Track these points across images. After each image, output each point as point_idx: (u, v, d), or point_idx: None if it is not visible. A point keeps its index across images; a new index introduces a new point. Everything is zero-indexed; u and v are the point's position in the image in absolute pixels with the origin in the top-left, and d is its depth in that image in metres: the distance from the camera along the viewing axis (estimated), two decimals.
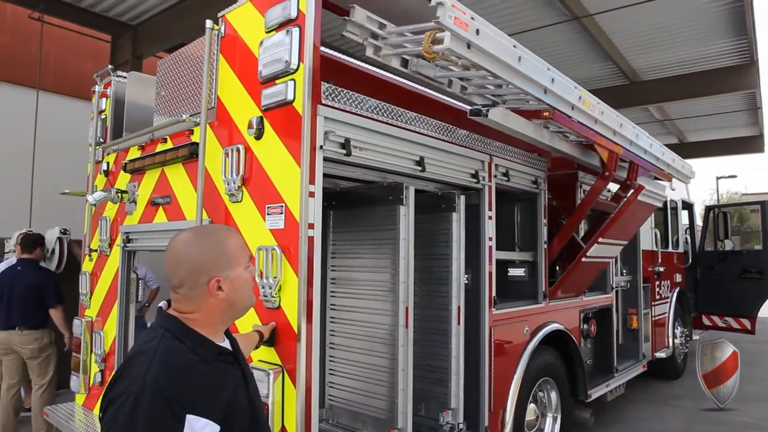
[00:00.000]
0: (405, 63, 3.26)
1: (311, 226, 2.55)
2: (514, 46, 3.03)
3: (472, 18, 2.70)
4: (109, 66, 4.45)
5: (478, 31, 2.71)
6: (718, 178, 31.49)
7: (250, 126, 2.82)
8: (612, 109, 4.18)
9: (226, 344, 1.59)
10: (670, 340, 7.29)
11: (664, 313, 7.26)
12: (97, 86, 4.43)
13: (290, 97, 2.64)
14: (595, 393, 4.97)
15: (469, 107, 3.35)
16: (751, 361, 9.26)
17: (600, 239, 4.44)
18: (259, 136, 2.79)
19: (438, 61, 2.97)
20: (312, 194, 2.56)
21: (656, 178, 5.59)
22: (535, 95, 3.31)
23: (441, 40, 2.59)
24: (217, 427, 1.39)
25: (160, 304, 1.58)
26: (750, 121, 14.82)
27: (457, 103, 3.96)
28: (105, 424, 1.36)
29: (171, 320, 1.50)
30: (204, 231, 1.75)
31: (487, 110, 3.19)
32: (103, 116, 4.36)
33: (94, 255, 4.22)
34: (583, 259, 4.39)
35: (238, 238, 1.63)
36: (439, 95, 3.97)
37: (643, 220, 4.81)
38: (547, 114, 3.53)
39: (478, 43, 2.73)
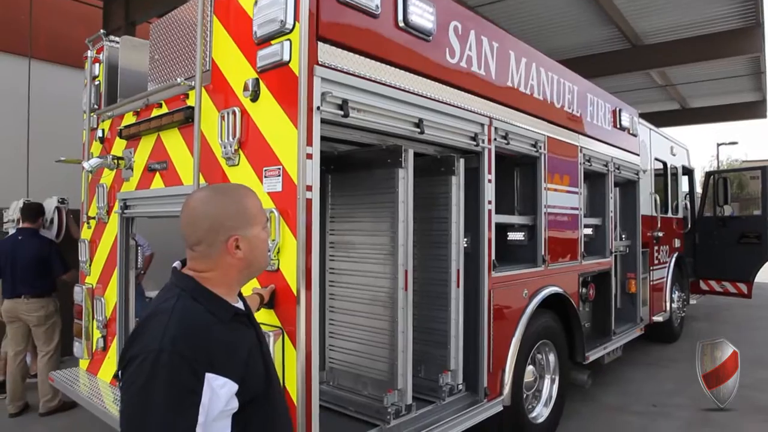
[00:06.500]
0: None
1: (309, 188, 2.53)
2: None
3: None
4: (102, 30, 4.36)
5: None
6: (718, 145, 31.36)
7: (245, 88, 2.77)
8: None
9: (240, 305, 1.58)
10: (668, 304, 7.36)
11: (662, 278, 7.31)
12: (89, 51, 4.34)
13: (286, 57, 2.59)
14: (593, 355, 5.04)
15: None
16: (749, 326, 9.41)
17: (548, 185, 4.47)
18: (255, 98, 2.75)
19: None
20: (310, 156, 2.53)
21: None
22: None
23: None
24: (236, 386, 1.39)
25: (174, 264, 1.56)
26: (753, 86, 14.63)
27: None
28: (125, 383, 1.35)
29: (186, 280, 1.49)
30: (223, 189, 1.71)
31: None
32: (96, 82, 4.29)
33: (93, 222, 4.22)
34: (547, 211, 4.43)
35: (256, 197, 1.61)
36: None
37: (575, 160, 4.91)
38: None
39: None
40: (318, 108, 2.57)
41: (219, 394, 1.35)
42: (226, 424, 1.41)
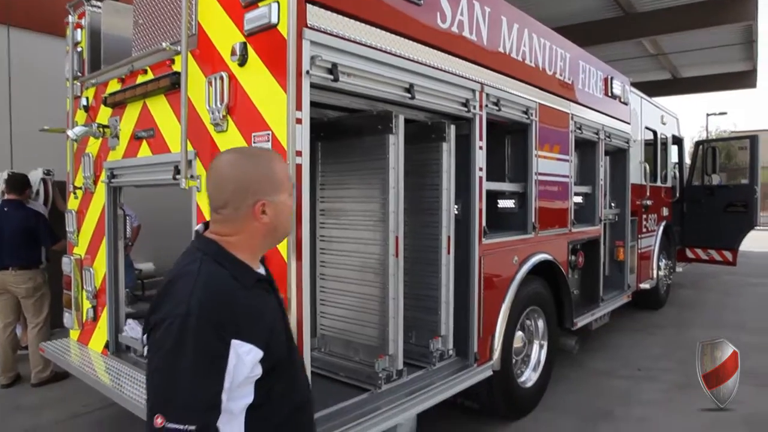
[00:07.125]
0: None
1: (299, 153, 2.50)
2: None
3: None
4: None
5: None
6: (708, 115, 31.46)
7: (233, 52, 2.71)
8: None
9: (261, 271, 1.56)
10: (655, 272, 7.46)
11: (650, 246, 7.40)
12: (70, 17, 4.21)
13: (274, 20, 2.52)
14: (581, 322, 5.12)
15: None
16: (733, 293, 9.59)
17: (539, 153, 4.47)
18: (242, 62, 2.69)
19: None
20: (299, 121, 2.49)
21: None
22: None
23: None
24: (261, 353, 1.38)
25: (196, 228, 1.54)
26: (744, 55, 14.60)
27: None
28: (151, 347, 1.33)
29: (210, 244, 1.46)
30: (252, 152, 1.68)
31: None
32: (79, 49, 4.18)
33: (79, 192, 4.16)
34: (537, 178, 4.45)
35: (284, 163, 1.58)
36: None
37: (566, 128, 4.90)
38: None
39: None
40: (307, 72, 2.53)
41: (244, 361, 1.34)
42: (249, 391, 1.40)
